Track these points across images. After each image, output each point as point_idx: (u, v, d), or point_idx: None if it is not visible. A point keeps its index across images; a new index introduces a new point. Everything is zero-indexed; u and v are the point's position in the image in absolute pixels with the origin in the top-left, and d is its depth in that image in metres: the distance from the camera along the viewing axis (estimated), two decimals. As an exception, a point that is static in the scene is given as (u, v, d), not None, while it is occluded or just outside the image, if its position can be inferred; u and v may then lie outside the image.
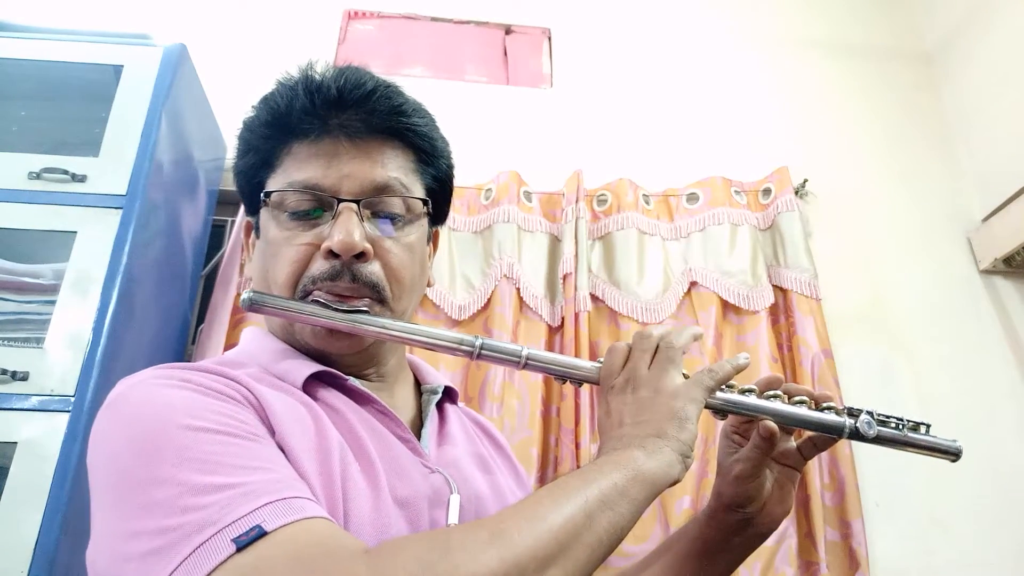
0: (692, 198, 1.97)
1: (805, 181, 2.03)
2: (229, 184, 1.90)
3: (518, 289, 1.80)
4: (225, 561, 0.46)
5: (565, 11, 2.34)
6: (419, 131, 0.73)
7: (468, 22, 2.31)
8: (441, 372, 0.85)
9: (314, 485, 0.56)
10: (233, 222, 1.86)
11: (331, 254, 0.66)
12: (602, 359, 0.70)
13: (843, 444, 1.67)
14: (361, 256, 0.67)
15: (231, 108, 1.92)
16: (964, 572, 1.68)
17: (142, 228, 1.43)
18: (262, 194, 0.71)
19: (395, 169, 0.71)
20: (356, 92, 0.69)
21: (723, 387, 0.69)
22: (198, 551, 0.46)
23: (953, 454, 0.73)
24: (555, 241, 1.90)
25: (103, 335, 1.30)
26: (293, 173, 0.69)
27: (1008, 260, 1.96)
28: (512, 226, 1.85)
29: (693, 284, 1.86)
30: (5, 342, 1.34)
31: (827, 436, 0.72)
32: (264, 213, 0.72)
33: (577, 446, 1.62)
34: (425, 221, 0.75)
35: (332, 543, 0.49)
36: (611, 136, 2.13)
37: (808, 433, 0.73)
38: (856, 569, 1.58)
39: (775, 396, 0.71)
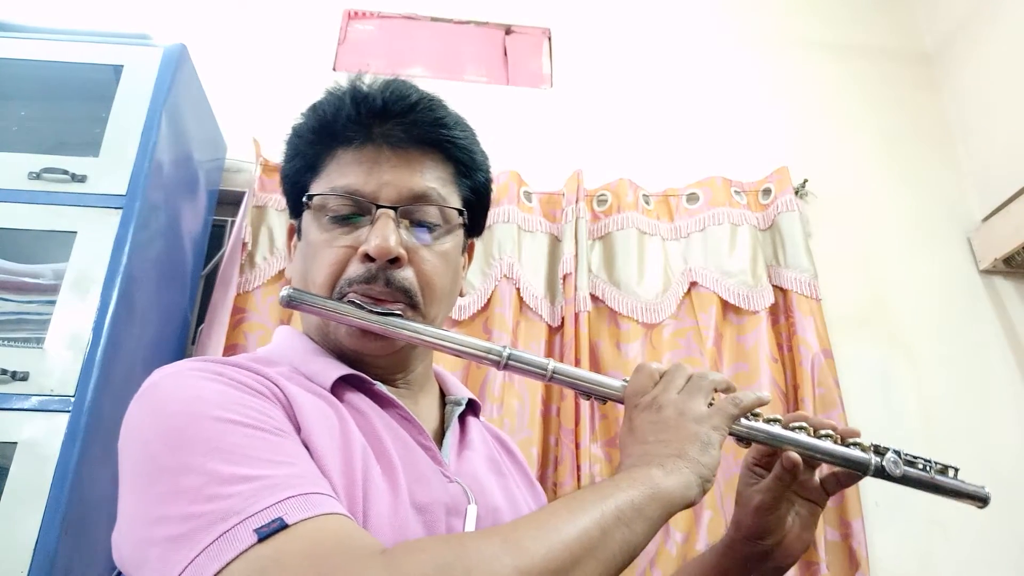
0: (692, 198, 1.97)
1: (805, 181, 2.03)
2: (229, 184, 1.91)
3: (518, 289, 1.80)
4: (246, 551, 0.47)
5: (565, 11, 2.34)
6: (459, 143, 0.75)
7: (468, 22, 2.31)
8: (465, 389, 0.85)
9: (336, 483, 0.57)
10: (233, 222, 1.86)
11: (367, 258, 0.68)
12: (627, 378, 0.71)
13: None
14: (396, 261, 0.69)
15: (231, 108, 1.93)
16: (964, 572, 1.68)
17: (142, 228, 1.43)
18: (304, 197, 0.73)
19: (433, 179, 0.73)
20: (400, 104, 0.72)
21: (747, 416, 0.69)
22: (221, 539, 0.48)
23: (981, 500, 0.71)
24: (555, 241, 1.90)
25: (103, 335, 1.30)
26: (336, 178, 0.71)
27: (1008, 260, 1.97)
28: (512, 226, 1.85)
29: (693, 284, 1.86)
30: (5, 342, 1.34)
31: (852, 472, 0.70)
32: (306, 216, 0.74)
33: (577, 446, 1.62)
34: (460, 232, 0.77)
35: (350, 541, 0.49)
36: (611, 136, 2.13)
37: (831, 468, 0.73)
38: (856, 569, 1.58)
39: (800, 428, 0.70)
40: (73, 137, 1.62)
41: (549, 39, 2.30)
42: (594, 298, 1.83)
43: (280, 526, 0.48)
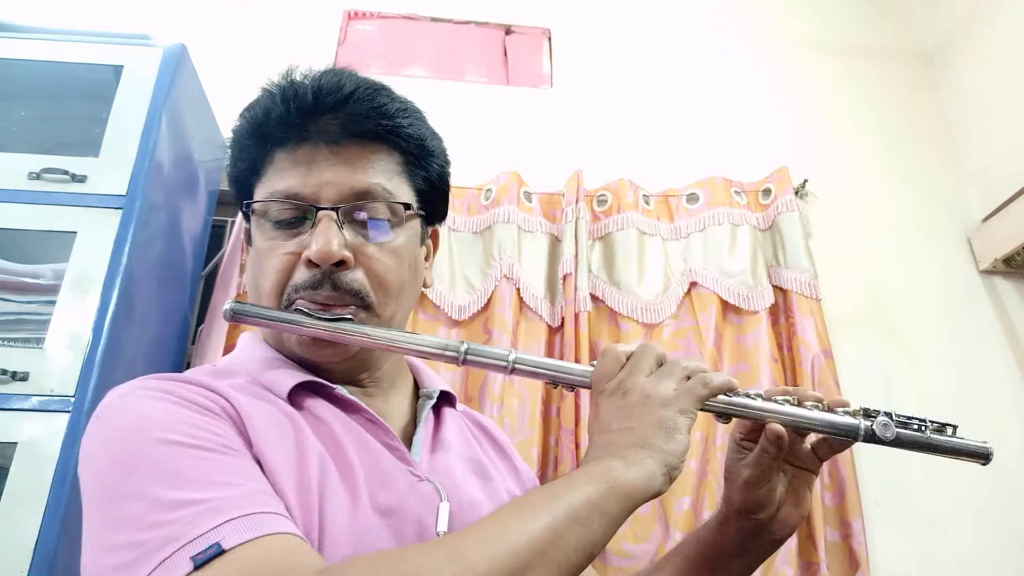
0: (692, 198, 1.97)
1: (805, 181, 2.03)
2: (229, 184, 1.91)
3: (518, 289, 1.80)
4: None
5: (565, 11, 2.34)
6: (403, 132, 0.71)
7: (468, 22, 2.31)
8: (442, 373, 0.84)
9: (289, 496, 0.56)
10: (233, 222, 1.86)
11: (311, 263, 0.66)
12: (595, 362, 0.69)
13: (843, 443, 1.67)
14: (341, 264, 0.66)
15: (231, 108, 1.91)
16: (964, 572, 1.68)
17: (142, 228, 1.43)
18: (244, 204, 0.71)
19: (377, 173, 0.69)
20: (332, 97, 0.68)
21: (726, 394, 0.66)
22: (160, 568, 0.48)
23: (983, 456, 0.69)
24: (555, 241, 1.90)
25: (103, 335, 1.30)
26: (275, 182, 0.69)
27: (1008, 260, 1.96)
28: (512, 226, 1.85)
29: (693, 284, 1.86)
30: (5, 342, 1.34)
31: (842, 439, 0.69)
32: (252, 222, 0.72)
33: (577, 446, 1.62)
34: (415, 223, 0.74)
35: (285, 563, 0.49)
36: (611, 136, 2.13)
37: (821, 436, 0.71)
38: (856, 569, 1.58)
39: (784, 400, 0.69)
40: (73, 137, 1.61)
41: (549, 39, 2.30)
42: (594, 298, 1.82)
43: (217, 552, 0.48)
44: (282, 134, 0.69)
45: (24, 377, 1.26)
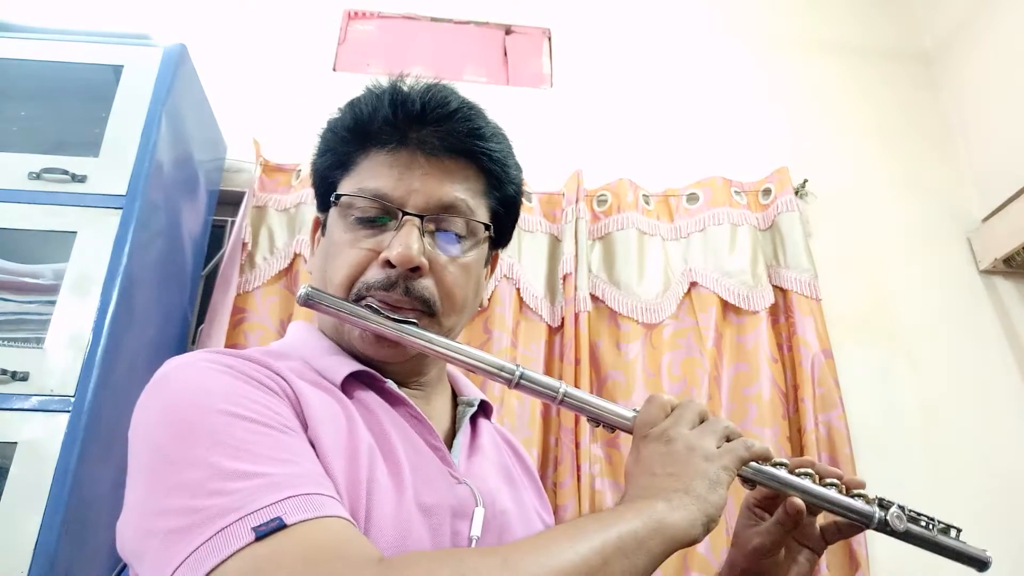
0: (692, 198, 1.97)
1: (805, 181, 2.03)
2: (229, 184, 1.91)
3: (518, 289, 1.80)
4: (243, 548, 0.47)
5: (565, 11, 2.34)
6: (494, 156, 0.74)
7: (468, 22, 2.31)
8: (478, 390, 0.85)
9: (339, 483, 0.56)
10: (233, 222, 1.86)
11: (388, 264, 0.67)
12: (638, 408, 0.70)
13: (843, 444, 1.67)
14: (416, 270, 0.68)
15: (231, 108, 1.92)
16: (964, 572, 1.68)
17: (142, 228, 1.43)
18: (333, 196, 0.72)
19: (463, 190, 0.72)
20: (439, 110, 0.71)
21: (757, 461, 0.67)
22: (219, 535, 0.48)
23: (981, 563, 0.71)
24: (555, 241, 1.90)
25: (103, 335, 1.30)
26: (366, 180, 0.71)
27: (1008, 260, 1.97)
28: (512, 226, 1.85)
29: (693, 284, 1.86)
30: (5, 342, 1.34)
31: (854, 523, 0.69)
32: (332, 213, 0.73)
33: (577, 446, 1.62)
34: (486, 245, 0.76)
35: (348, 546, 0.49)
36: (611, 136, 2.13)
37: (832, 517, 0.72)
38: (856, 569, 1.58)
39: (806, 475, 0.69)
40: (73, 137, 1.61)
41: (549, 39, 2.30)
42: (594, 298, 1.83)
43: (279, 526, 0.48)
44: (384, 135, 0.71)
45: (24, 377, 1.26)
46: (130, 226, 1.40)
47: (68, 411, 1.23)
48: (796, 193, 1.97)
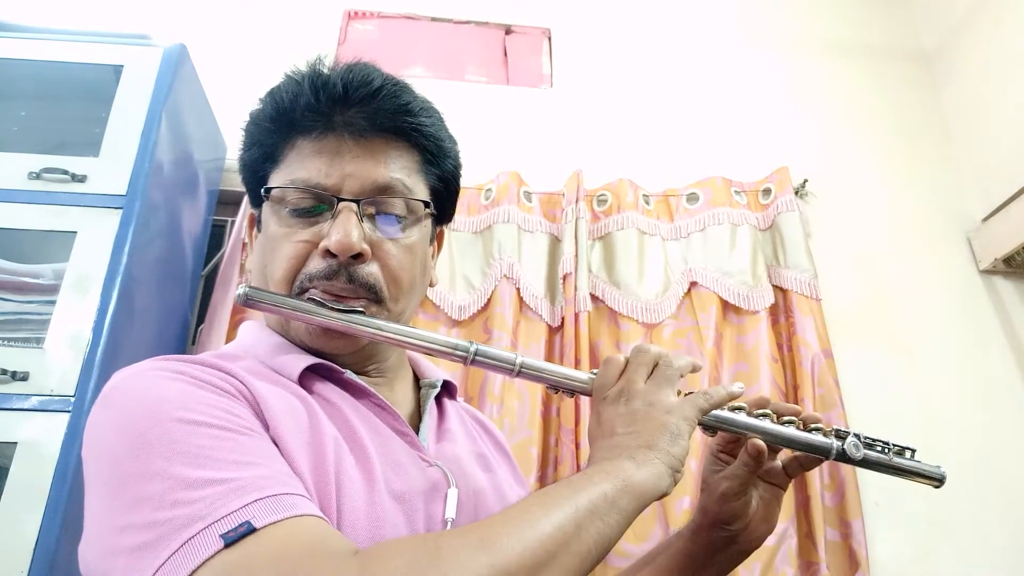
0: (692, 198, 1.97)
1: (805, 181, 2.03)
2: (229, 184, 1.91)
3: (518, 289, 1.80)
4: (212, 557, 0.46)
5: (565, 11, 2.34)
6: (425, 131, 0.71)
7: (468, 22, 2.31)
8: (440, 371, 0.85)
9: (307, 480, 0.55)
10: (233, 222, 1.86)
11: (328, 253, 0.66)
12: (596, 370, 0.70)
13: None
14: (358, 257, 0.66)
15: (231, 108, 1.92)
16: (964, 572, 1.68)
17: (142, 228, 1.43)
18: (263, 190, 0.70)
19: (398, 169, 0.70)
20: (362, 90, 0.68)
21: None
22: (186, 546, 0.46)
23: (936, 479, 0.74)
24: (555, 241, 1.90)
25: (103, 335, 1.30)
26: (296, 170, 0.68)
27: (1008, 260, 1.96)
28: (512, 226, 1.85)
29: (693, 284, 1.86)
30: (5, 342, 1.34)
31: (814, 456, 0.72)
32: (266, 208, 0.71)
33: (577, 446, 1.62)
34: (428, 222, 0.74)
35: (321, 544, 0.48)
36: (611, 136, 2.13)
37: (795, 452, 0.74)
38: (856, 569, 1.58)
39: (764, 415, 0.71)
40: (73, 137, 1.61)
41: (549, 39, 2.30)
42: (594, 298, 1.83)
43: (248, 530, 0.47)
44: (309, 122, 0.68)
45: (24, 377, 1.26)
46: (130, 226, 1.40)
47: (68, 411, 1.24)
48: (796, 193, 1.97)
